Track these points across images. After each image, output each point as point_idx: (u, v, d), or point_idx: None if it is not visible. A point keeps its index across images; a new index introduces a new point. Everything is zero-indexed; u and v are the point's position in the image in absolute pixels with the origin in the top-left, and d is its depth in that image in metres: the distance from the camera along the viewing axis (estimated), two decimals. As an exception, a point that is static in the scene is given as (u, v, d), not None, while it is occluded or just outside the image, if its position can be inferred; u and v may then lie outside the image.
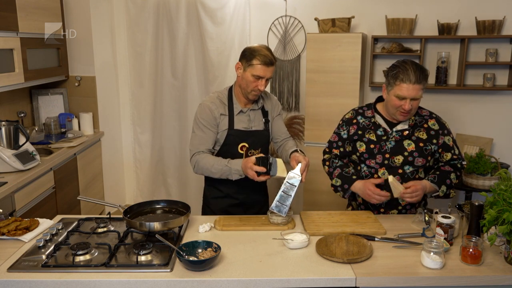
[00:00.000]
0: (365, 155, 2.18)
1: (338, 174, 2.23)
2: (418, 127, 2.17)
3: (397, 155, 2.14)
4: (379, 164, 2.16)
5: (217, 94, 2.29)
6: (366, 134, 2.19)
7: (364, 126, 2.21)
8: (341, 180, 2.22)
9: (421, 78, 2.00)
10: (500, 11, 3.61)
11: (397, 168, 2.15)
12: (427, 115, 2.21)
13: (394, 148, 2.14)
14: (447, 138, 2.18)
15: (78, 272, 1.58)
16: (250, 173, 2.01)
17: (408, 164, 2.14)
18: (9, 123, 2.81)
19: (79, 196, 2.17)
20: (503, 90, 3.74)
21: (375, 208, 2.23)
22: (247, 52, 2.15)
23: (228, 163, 2.11)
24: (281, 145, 2.37)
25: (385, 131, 2.17)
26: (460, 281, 1.59)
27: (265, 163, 1.99)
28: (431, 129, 2.17)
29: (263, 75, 2.13)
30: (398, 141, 2.15)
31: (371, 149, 2.17)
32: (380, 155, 2.15)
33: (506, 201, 1.62)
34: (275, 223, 2.00)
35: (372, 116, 2.21)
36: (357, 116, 2.25)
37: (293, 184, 1.99)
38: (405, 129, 2.15)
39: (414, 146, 2.14)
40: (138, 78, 4.26)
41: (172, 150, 4.34)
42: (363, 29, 3.85)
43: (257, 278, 1.56)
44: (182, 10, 4.00)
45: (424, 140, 2.15)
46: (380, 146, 2.15)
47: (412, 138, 2.15)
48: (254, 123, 2.29)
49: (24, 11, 3.05)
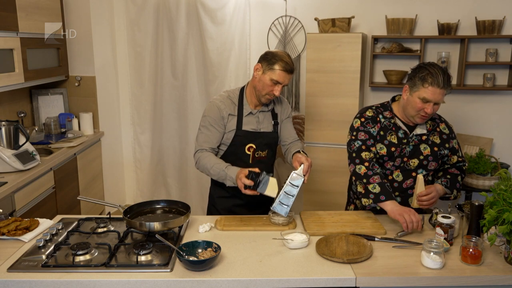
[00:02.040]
0: (385, 158, 2.14)
1: (379, 182, 2.05)
2: (432, 131, 2.18)
3: (413, 158, 2.14)
4: (395, 167, 2.16)
5: (227, 94, 2.28)
6: (388, 135, 2.15)
7: (385, 126, 2.16)
8: (381, 189, 2.04)
9: (448, 83, 1.99)
10: (500, 11, 3.61)
11: (411, 171, 2.15)
12: (437, 119, 2.22)
13: (412, 152, 2.14)
14: (454, 141, 2.20)
15: (78, 272, 1.58)
16: (239, 183, 2.01)
17: (422, 167, 2.15)
18: (9, 123, 2.80)
19: (79, 196, 2.17)
20: (503, 90, 3.74)
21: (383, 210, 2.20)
22: (269, 56, 2.15)
23: (225, 169, 2.10)
24: (288, 147, 2.37)
25: (406, 134, 2.15)
26: (460, 281, 1.59)
27: (254, 178, 1.98)
28: (443, 133, 2.19)
29: (282, 81, 2.13)
30: (416, 145, 2.14)
31: (392, 152, 2.13)
32: (399, 158, 2.14)
33: (506, 201, 1.62)
34: (276, 223, 2.00)
35: (391, 117, 2.17)
36: (378, 114, 2.19)
37: (295, 184, 1.98)
38: (423, 134, 2.15)
39: (429, 150, 2.14)
40: (138, 78, 4.26)
41: (172, 150, 4.34)
42: (363, 29, 3.85)
43: (257, 278, 1.56)
44: (182, 10, 4.00)
45: (438, 144, 2.16)
46: (401, 149, 2.14)
47: (428, 142, 2.15)
48: (263, 124, 2.28)
49: (24, 11, 3.05)
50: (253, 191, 2.00)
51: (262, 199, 2.38)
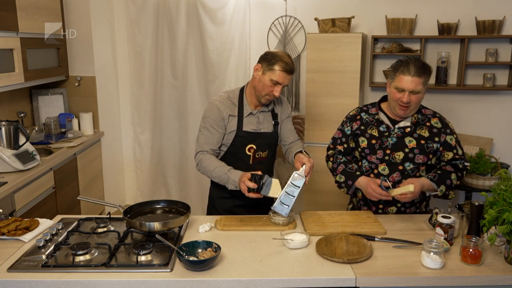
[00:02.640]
0: (366, 151, 2.20)
1: (342, 170, 2.23)
2: (420, 125, 2.18)
3: (398, 151, 2.15)
4: (379, 160, 2.17)
5: (227, 94, 2.28)
6: (368, 129, 2.22)
7: (367, 122, 2.24)
8: (344, 176, 2.21)
9: (420, 72, 2.03)
10: (500, 11, 3.61)
11: (397, 164, 2.15)
12: (430, 114, 2.23)
13: (395, 144, 2.15)
14: (449, 137, 2.18)
15: (78, 272, 1.58)
16: (242, 186, 2.01)
17: (408, 161, 2.15)
18: (9, 123, 2.80)
19: (79, 196, 2.17)
20: (503, 90, 3.74)
21: (374, 204, 2.23)
22: (269, 56, 2.14)
23: (228, 172, 2.10)
24: (289, 147, 2.37)
25: (388, 127, 2.19)
26: (460, 281, 1.59)
27: (258, 181, 1.98)
28: (433, 127, 2.18)
29: (282, 81, 2.13)
30: (399, 137, 2.16)
31: (373, 144, 2.18)
32: (381, 150, 2.17)
33: (506, 201, 1.62)
34: (276, 223, 2.00)
35: (376, 113, 2.24)
36: (361, 112, 2.29)
37: (296, 185, 1.98)
38: (407, 126, 2.17)
39: (415, 143, 2.14)
40: (138, 78, 4.26)
41: (172, 150, 4.34)
42: (363, 29, 3.85)
43: (257, 278, 1.56)
44: (182, 10, 4.00)
45: (426, 137, 2.16)
46: (382, 142, 2.17)
47: (414, 135, 2.16)
48: (263, 125, 2.28)
49: (24, 11, 3.05)
50: (256, 194, 2.00)
51: (262, 200, 2.38)
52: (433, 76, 3.80)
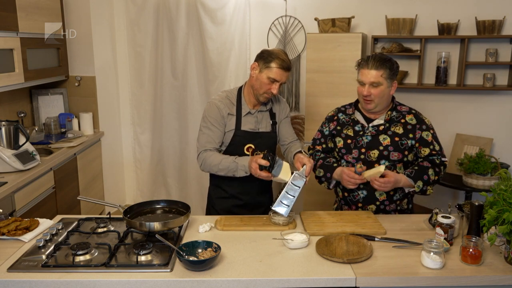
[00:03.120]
0: (342, 150, 2.24)
1: (320, 164, 2.28)
2: (395, 122, 2.21)
3: (373, 149, 2.18)
4: (355, 159, 2.20)
5: (226, 94, 2.28)
6: (344, 129, 2.26)
7: (343, 122, 2.29)
8: (323, 170, 2.25)
9: (378, 64, 2.10)
10: (500, 11, 3.61)
11: (373, 162, 2.18)
12: (405, 111, 2.25)
13: (370, 143, 2.18)
14: (425, 133, 2.19)
15: (78, 272, 1.58)
16: (253, 165, 2.00)
17: (383, 158, 2.17)
18: (9, 123, 2.80)
19: (79, 196, 2.17)
20: (503, 90, 3.74)
21: (353, 203, 2.25)
22: (265, 54, 2.15)
23: (235, 159, 2.11)
24: (288, 147, 2.37)
25: (363, 126, 2.23)
26: (460, 281, 1.59)
27: (270, 159, 1.97)
28: (408, 123, 2.20)
29: (279, 79, 2.13)
30: (374, 135, 2.19)
31: (348, 144, 2.22)
32: (356, 149, 2.20)
33: (506, 201, 1.62)
34: (276, 223, 2.00)
35: (352, 113, 2.28)
36: (338, 113, 2.35)
37: (297, 185, 1.98)
38: (381, 124, 2.20)
39: (389, 140, 2.17)
40: (138, 78, 4.26)
41: (172, 150, 4.34)
42: (363, 29, 3.85)
43: (257, 278, 1.56)
44: (182, 10, 4.00)
45: (400, 134, 2.18)
46: (357, 141, 2.20)
47: (388, 132, 2.18)
48: (261, 124, 2.28)
49: (24, 11, 3.05)
50: (267, 173, 1.99)
51: (261, 200, 2.38)
52: (433, 76, 3.81)
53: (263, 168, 1.98)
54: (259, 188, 2.32)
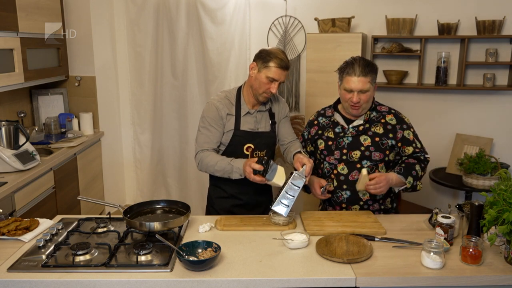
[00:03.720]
0: (324, 152, 2.25)
1: None
2: (375, 122, 2.21)
3: (354, 150, 2.18)
4: (337, 160, 2.21)
5: (225, 94, 2.28)
6: (325, 132, 2.27)
7: (324, 126, 2.30)
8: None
9: (366, 71, 2.10)
10: (500, 11, 3.61)
11: (355, 163, 2.18)
12: (385, 111, 2.26)
13: (351, 144, 2.19)
14: (406, 132, 2.21)
15: (78, 272, 1.58)
16: (247, 169, 2.01)
17: (365, 158, 2.18)
18: (9, 123, 2.81)
19: (79, 196, 2.17)
20: (503, 90, 3.74)
21: (337, 203, 2.24)
22: (263, 54, 2.15)
23: (231, 161, 2.11)
24: (287, 147, 2.37)
25: (343, 128, 2.23)
26: (460, 281, 1.59)
27: (264, 164, 1.97)
28: (388, 123, 2.21)
29: (278, 78, 2.13)
30: (354, 136, 2.20)
31: (329, 145, 2.23)
32: (338, 151, 2.21)
33: (506, 201, 1.62)
34: (276, 223, 2.00)
35: (332, 115, 2.29)
36: (318, 117, 2.37)
37: (297, 185, 1.98)
38: (360, 125, 2.21)
39: (370, 141, 2.18)
40: (138, 78, 4.26)
41: (172, 150, 4.34)
42: (363, 29, 3.85)
43: (257, 278, 1.56)
44: (182, 10, 4.00)
45: (380, 134, 2.19)
46: (338, 142, 2.21)
47: (369, 133, 2.19)
48: (261, 124, 2.28)
49: (24, 11, 3.05)
50: (261, 177, 1.99)
51: (261, 200, 2.38)
52: (433, 76, 3.80)
53: (257, 172, 1.98)
54: (259, 188, 2.32)
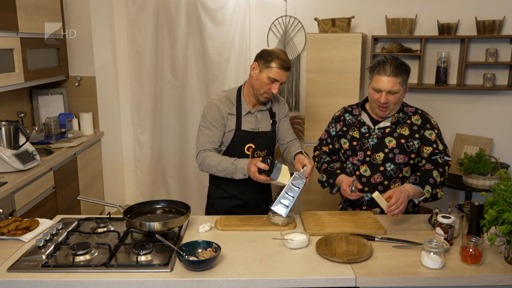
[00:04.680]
0: (348, 152, 2.21)
1: (324, 169, 2.25)
2: (401, 123, 2.17)
3: (378, 152, 2.14)
4: (360, 161, 2.18)
5: (225, 93, 2.28)
6: (350, 131, 2.23)
7: (349, 123, 2.25)
8: (326, 175, 2.23)
9: (397, 71, 2.02)
10: (500, 11, 3.61)
11: (378, 165, 2.15)
12: (412, 112, 2.20)
13: (376, 145, 2.15)
14: (428, 132, 2.14)
15: (78, 272, 1.58)
16: (252, 168, 2.00)
17: (389, 161, 2.14)
18: (9, 123, 2.81)
19: (79, 196, 2.17)
20: (503, 90, 3.74)
21: (358, 205, 2.23)
22: (265, 54, 2.14)
23: (235, 161, 2.10)
24: (287, 147, 2.37)
25: (369, 128, 2.19)
26: (460, 281, 1.59)
27: (269, 163, 1.97)
28: (414, 124, 2.16)
29: (279, 78, 2.13)
30: (380, 138, 2.16)
31: (354, 146, 2.19)
32: (361, 152, 2.17)
33: (506, 201, 1.62)
34: (276, 224, 2.00)
35: (359, 114, 2.24)
36: (345, 113, 2.30)
37: (297, 186, 1.98)
38: (387, 126, 2.16)
39: (395, 142, 2.13)
40: (138, 78, 4.26)
41: (172, 150, 4.34)
42: (363, 29, 3.85)
43: (257, 278, 1.56)
44: (182, 10, 4.00)
45: (406, 136, 2.14)
46: (362, 143, 2.17)
47: (394, 135, 2.15)
48: (261, 124, 2.28)
49: (24, 11, 3.05)
50: (266, 177, 1.99)
51: (261, 200, 2.38)
52: (433, 76, 3.81)
53: (262, 172, 1.98)
54: (259, 188, 2.32)
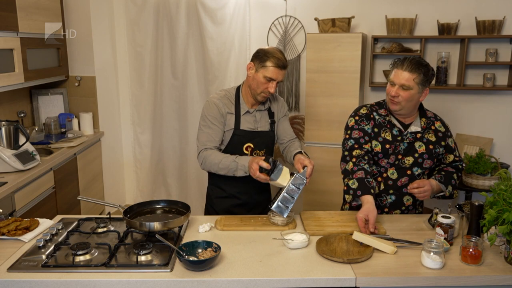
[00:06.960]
0: (379, 155, 2.15)
1: (359, 177, 2.03)
2: (427, 129, 2.18)
3: (408, 156, 2.14)
4: (390, 164, 2.16)
5: (224, 92, 2.28)
6: (382, 133, 2.16)
7: (380, 124, 2.17)
8: (358, 184, 2.02)
9: (413, 67, 2.02)
10: (500, 11, 3.61)
11: (406, 169, 2.15)
12: (432, 117, 2.23)
13: (407, 149, 2.15)
14: (450, 140, 2.21)
15: (78, 272, 1.58)
16: (254, 166, 1.99)
17: (417, 165, 2.15)
18: (9, 123, 2.81)
19: (79, 196, 2.17)
20: (503, 90, 3.74)
21: (379, 207, 2.19)
22: (260, 53, 2.14)
23: (236, 159, 2.10)
24: (286, 146, 2.36)
25: (400, 131, 2.16)
26: (460, 281, 1.59)
27: (271, 163, 1.97)
28: (438, 131, 2.19)
29: (275, 77, 2.12)
30: (410, 142, 2.15)
31: (387, 149, 2.14)
32: (393, 155, 2.15)
33: (506, 201, 1.62)
34: (276, 224, 2.00)
35: (386, 114, 2.18)
36: (372, 112, 2.20)
37: (297, 186, 1.98)
38: (418, 132, 2.16)
39: (424, 148, 2.14)
40: (138, 78, 4.26)
41: (172, 150, 4.34)
42: (363, 29, 3.85)
43: (257, 278, 1.56)
44: (182, 10, 4.00)
45: (433, 142, 2.16)
46: (395, 147, 2.14)
47: (423, 140, 2.16)
48: (260, 123, 2.28)
49: (24, 11, 3.05)
50: (266, 176, 1.98)
51: (260, 199, 2.38)
52: (433, 76, 3.80)
53: (263, 171, 1.98)
54: (258, 188, 2.32)
